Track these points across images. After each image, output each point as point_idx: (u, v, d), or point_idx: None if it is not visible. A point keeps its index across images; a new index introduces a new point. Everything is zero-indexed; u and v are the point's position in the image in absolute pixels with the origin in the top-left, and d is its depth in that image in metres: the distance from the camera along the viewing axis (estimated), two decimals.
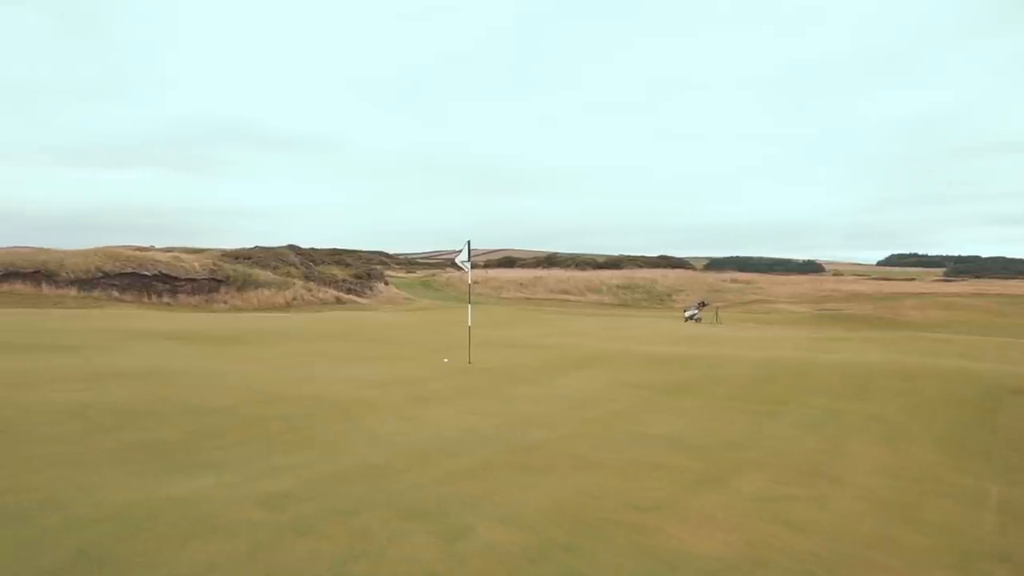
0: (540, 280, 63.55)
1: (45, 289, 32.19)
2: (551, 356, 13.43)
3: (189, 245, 63.00)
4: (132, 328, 15.78)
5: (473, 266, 12.84)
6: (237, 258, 48.71)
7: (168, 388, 8.17)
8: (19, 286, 31.73)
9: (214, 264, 42.17)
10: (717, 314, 34.30)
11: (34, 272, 32.81)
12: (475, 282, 64.97)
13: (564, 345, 15.77)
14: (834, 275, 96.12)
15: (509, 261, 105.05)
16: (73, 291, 32.82)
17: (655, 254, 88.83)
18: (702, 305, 36.17)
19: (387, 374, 10.40)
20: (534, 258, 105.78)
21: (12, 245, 37.67)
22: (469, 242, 12.43)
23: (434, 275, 72.55)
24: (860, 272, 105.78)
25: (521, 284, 62.68)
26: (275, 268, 48.71)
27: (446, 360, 12.33)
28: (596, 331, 22.90)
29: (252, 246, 63.19)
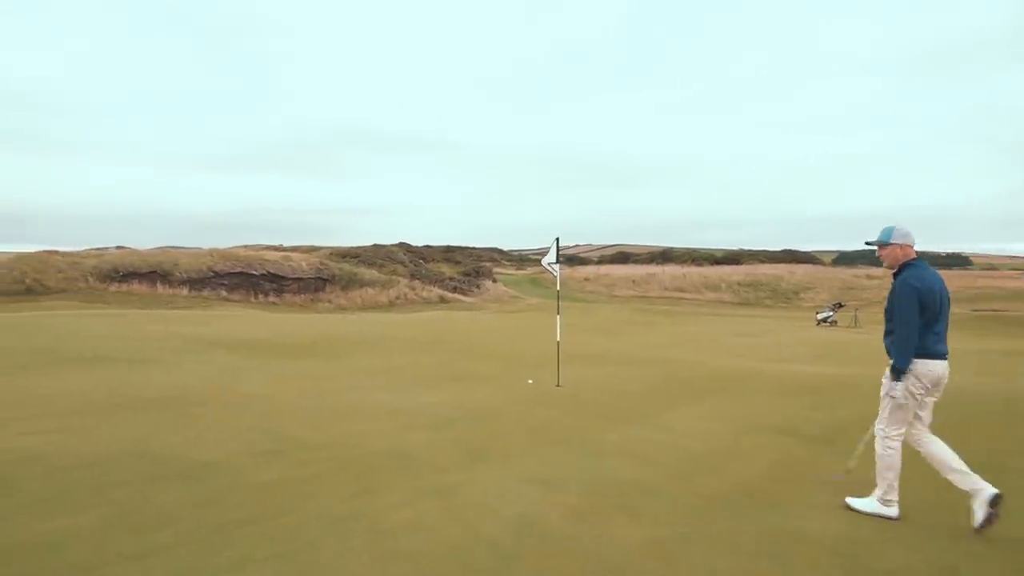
0: (654, 277, 60.12)
1: (160, 289, 32.94)
2: (661, 376, 10.95)
3: (314, 243, 63.97)
4: (199, 335, 14.73)
5: (585, 262, 10.56)
6: (345, 256, 48.88)
7: (160, 427, 6.51)
8: (136, 286, 32.65)
9: (321, 263, 42.23)
10: (856, 316, 30.05)
11: (150, 272, 33.70)
12: (586, 279, 62.48)
13: (678, 360, 13.19)
14: (986, 269, 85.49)
15: (623, 257, 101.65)
16: (185, 291, 33.43)
17: (778, 248, 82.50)
18: (838, 306, 31.93)
19: (451, 404, 8.37)
20: (648, 253, 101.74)
21: (163, 246, 38.58)
22: (557, 240, 10.20)
23: (541, 272, 70.72)
24: (1018, 266, 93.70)
25: (634, 281, 59.54)
26: (381, 266, 48.44)
27: (530, 382, 10.17)
28: (716, 338, 19.97)
29: (371, 244, 63.65)
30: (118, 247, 36.75)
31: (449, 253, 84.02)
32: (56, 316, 19.05)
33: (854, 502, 4.67)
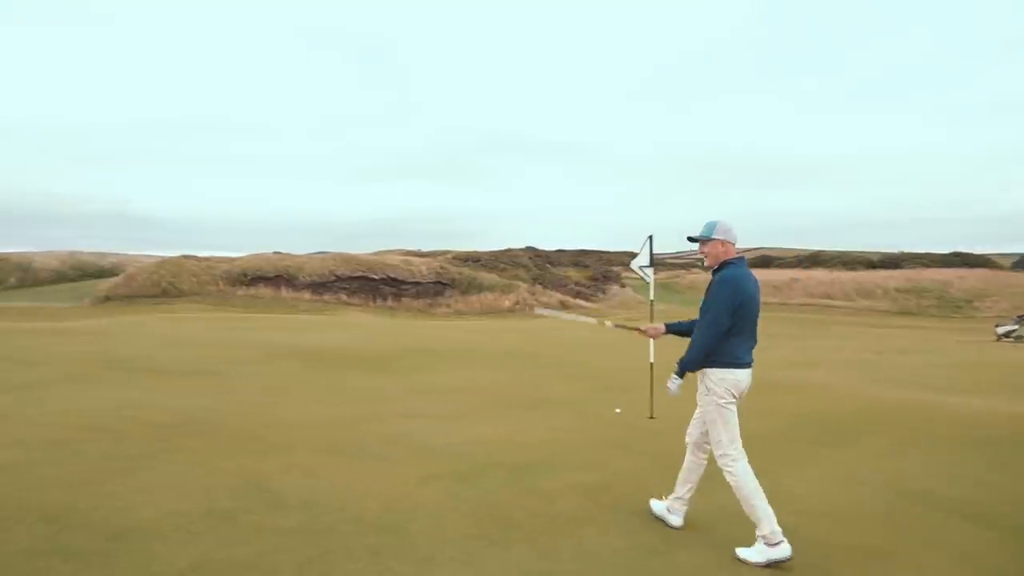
0: (797, 282, 55.05)
1: (284, 292, 33.71)
2: (792, 410, 8.62)
3: (451, 248, 64.15)
4: (279, 343, 13.95)
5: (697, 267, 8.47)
6: (466, 260, 48.45)
7: (113, 472, 5.26)
8: (263, 289, 33.61)
9: (441, 267, 41.89)
10: None
11: (276, 276, 34.62)
12: (678, 278, 58.40)
13: (818, 386, 10.66)
14: None
15: (764, 261, 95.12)
16: (307, 294, 34.02)
17: (946, 250, 73.16)
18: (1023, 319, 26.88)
19: (504, 441, 6.65)
20: (795, 257, 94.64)
21: (326, 251, 39.53)
22: (651, 238, 8.19)
23: (678, 276, 67.13)
24: None
25: (774, 287, 54.85)
26: (502, 270, 47.54)
27: (618, 411, 8.25)
28: (868, 355, 16.79)
29: (501, 248, 63.09)
30: (275, 252, 38.09)
31: (580, 257, 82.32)
32: (155, 321, 19.31)
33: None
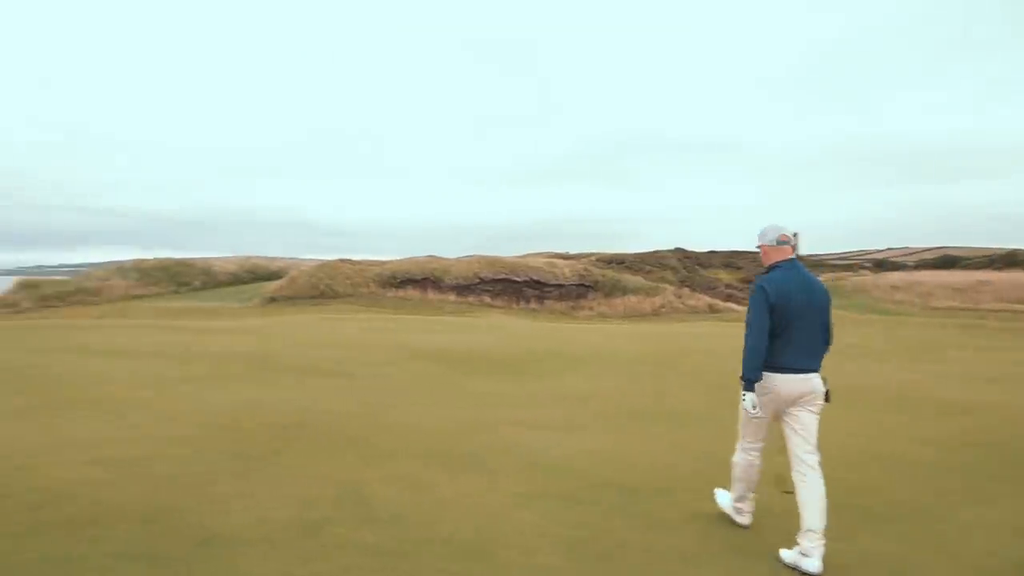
0: (987, 285, 48.83)
1: (430, 294, 34.79)
2: (966, 434, 7.30)
3: (597, 250, 63.31)
4: (412, 343, 14.11)
5: (898, 267, 7.46)
6: (610, 263, 47.58)
7: (212, 478, 5.30)
8: (411, 291, 34.89)
9: (585, 269, 41.44)
10: None
11: (423, 279, 35.82)
12: (894, 286, 52.82)
13: (997, 405, 9.04)
14: None
15: (948, 261, 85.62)
16: (452, 296, 34.88)
17: None
18: None
19: (634, 457, 6.09)
20: (983, 257, 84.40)
21: (474, 254, 40.27)
22: (796, 235, 7.22)
23: (841, 279, 61.92)
24: None
25: (958, 290, 49.02)
26: (648, 273, 46.22)
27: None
28: None
29: (650, 250, 61.49)
30: (431, 256, 39.59)
31: (732, 258, 78.43)
32: (306, 321, 20.39)
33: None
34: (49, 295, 30.37)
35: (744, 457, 4.37)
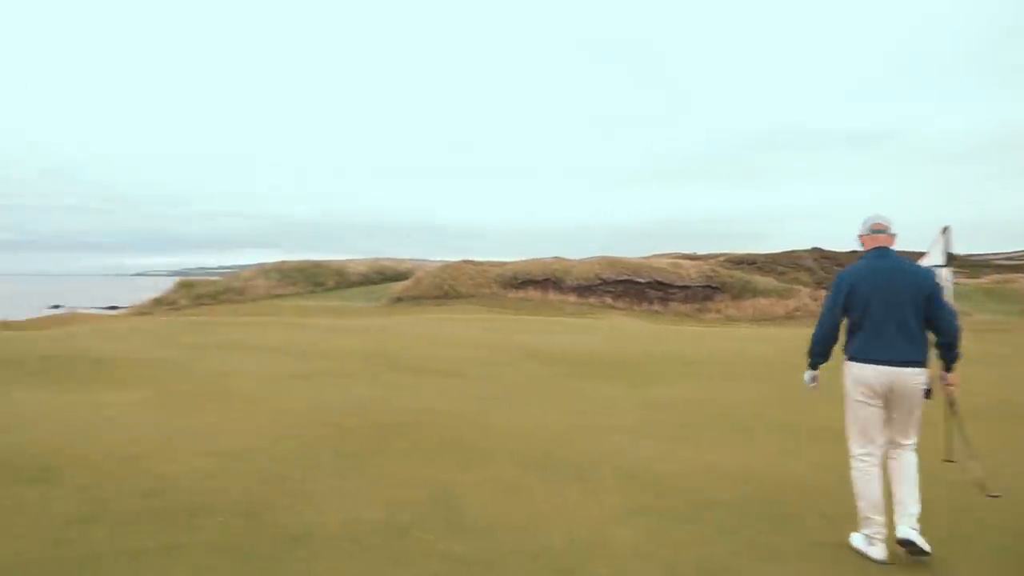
0: None
1: (551, 295, 34.70)
2: None
3: (724, 251, 60.59)
4: (524, 344, 13.92)
5: None
6: (739, 263, 45.43)
7: (311, 468, 5.29)
8: (532, 292, 34.96)
9: (712, 270, 39.85)
10: None
11: (544, 280, 35.79)
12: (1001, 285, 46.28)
13: None
14: None
15: None
16: (573, 297, 34.61)
17: None
18: None
19: (751, 473, 5.58)
20: None
21: (599, 255, 39.43)
22: (946, 230, 6.32)
23: (1009, 281, 55.60)
24: None
25: None
26: (780, 274, 43.75)
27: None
28: None
29: (783, 250, 58.16)
30: (554, 257, 39.66)
31: None
32: (427, 321, 20.79)
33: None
34: (202, 294, 33.16)
35: (857, 466, 4.10)
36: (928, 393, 3.99)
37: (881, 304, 3.93)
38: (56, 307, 48.23)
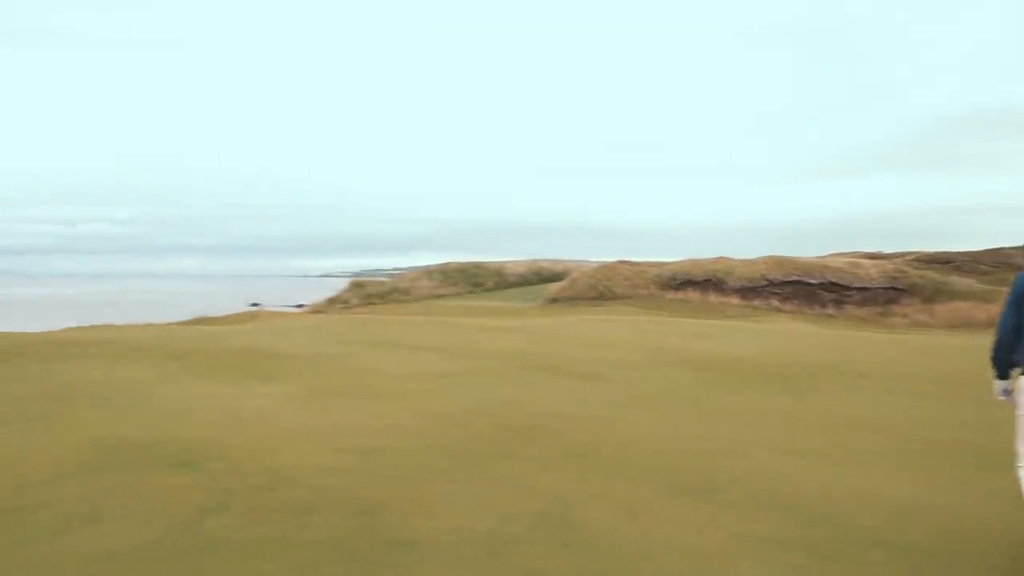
0: None
1: (712, 297, 33.19)
2: None
3: (913, 249, 54.62)
4: (673, 347, 13.20)
5: None
6: (931, 262, 40.76)
7: (435, 474, 5.22)
8: (691, 293, 33.65)
9: (897, 270, 36.18)
10: None
11: (705, 280, 34.29)
12: None
13: None
14: None
15: None
16: (735, 299, 32.86)
17: None
18: None
19: (923, 507, 4.82)
20: None
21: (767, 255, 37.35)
22: None
23: None
24: None
25: None
26: (984, 274, 38.73)
27: None
28: None
29: (987, 248, 51.47)
30: (716, 257, 38.21)
31: None
32: (579, 322, 20.50)
33: None
34: (371, 294, 35.36)
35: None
36: None
37: None
38: (255, 304, 53.86)
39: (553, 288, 34.97)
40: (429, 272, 40.09)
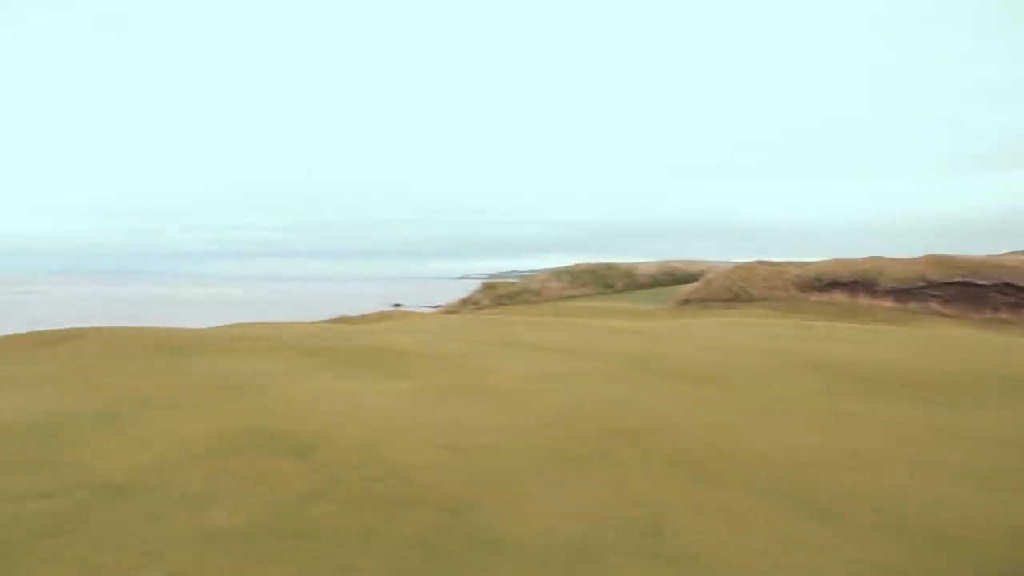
0: None
1: (861, 299, 30.79)
2: None
3: None
4: (806, 351, 12.26)
5: None
6: None
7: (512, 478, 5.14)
8: (837, 296, 31.42)
9: None
10: None
11: (852, 282, 31.87)
12: None
13: None
14: None
15: None
16: (888, 302, 30.29)
17: None
18: None
19: None
20: None
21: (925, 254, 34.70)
22: None
23: None
24: None
25: None
26: None
27: None
28: None
29: None
30: (866, 256, 35.67)
31: None
32: (706, 325, 19.64)
33: None
34: (502, 295, 35.98)
35: None
36: None
37: None
38: (397, 305, 56.59)
39: (685, 289, 33.90)
40: (558, 273, 40.19)
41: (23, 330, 14.05)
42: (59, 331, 12.22)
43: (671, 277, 40.11)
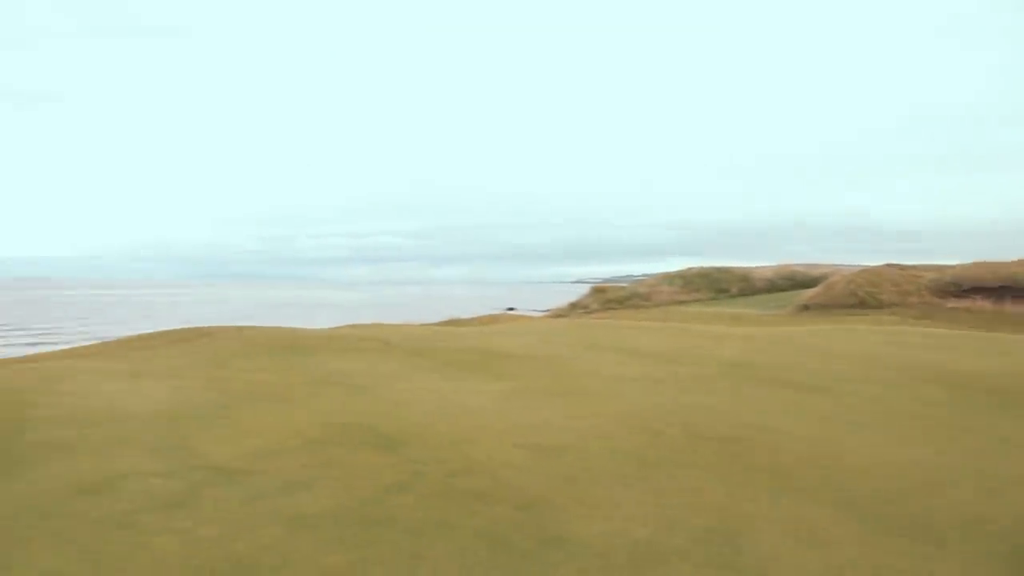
0: None
1: (1008, 306, 28.09)
2: None
3: None
4: (927, 361, 11.30)
5: None
6: None
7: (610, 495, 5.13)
8: (979, 302, 28.83)
9: None
10: None
11: (999, 287, 29.13)
12: None
13: None
14: None
15: None
16: None
17: None
18: None
19: None
20: None
21: None
22: None
23: None
24: None
25: None
26: None
27: None
28: None
29: None
30: (1017, 259, 32.71)
31: None
32: (827, 332, 18.56)
33: None
34: (611, 299, 35.68)
35: None
36: None
37: None
38: (511, 309, 57.37)
39: (805, 294, 32.20)
40: (669, 278, 39.33)
41: (169, 327, 15.53)
42: (192, 329, 13.40)
43: (790, 281, 38.24)
